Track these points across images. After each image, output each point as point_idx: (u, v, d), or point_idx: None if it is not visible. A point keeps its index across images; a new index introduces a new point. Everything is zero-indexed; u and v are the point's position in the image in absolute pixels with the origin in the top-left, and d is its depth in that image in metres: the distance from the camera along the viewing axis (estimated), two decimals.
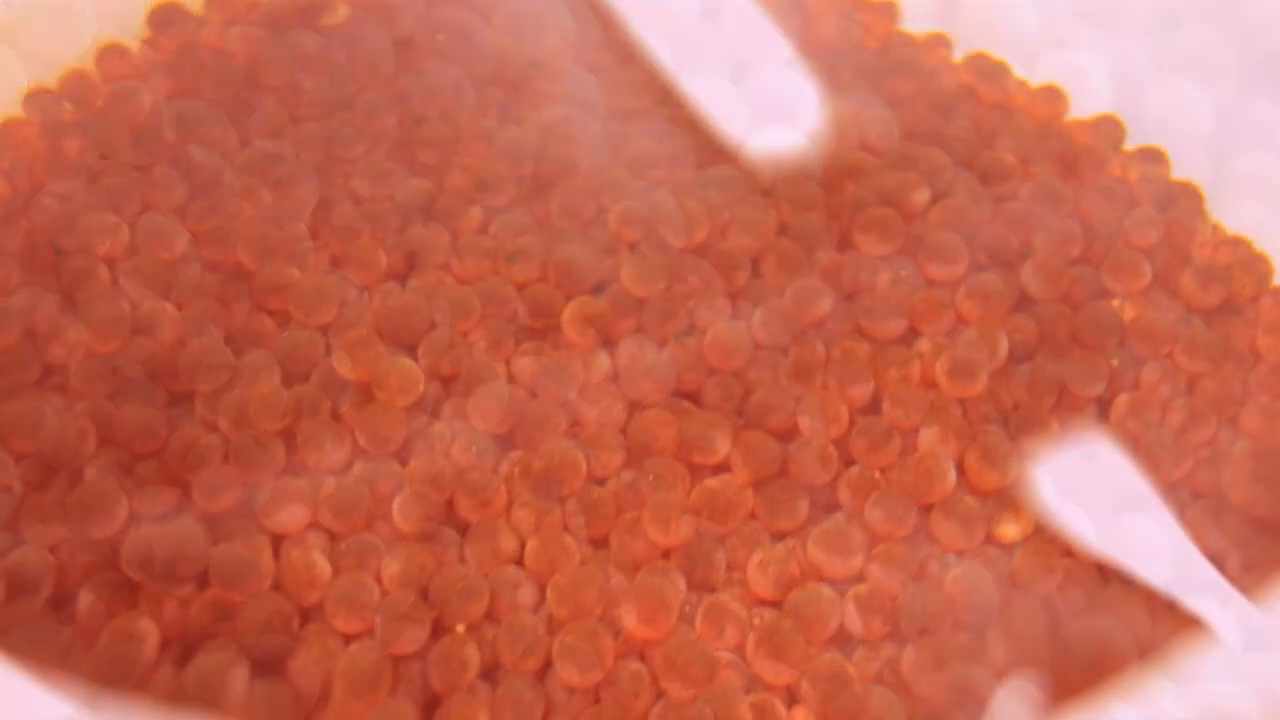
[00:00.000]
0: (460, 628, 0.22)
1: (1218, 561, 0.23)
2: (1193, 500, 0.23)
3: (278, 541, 0.22)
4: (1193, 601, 0.22)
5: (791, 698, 0.22)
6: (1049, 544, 0.23)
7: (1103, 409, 0.24)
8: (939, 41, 0.29)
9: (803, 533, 0.23)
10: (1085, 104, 0.28)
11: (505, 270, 0.25)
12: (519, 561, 0.22)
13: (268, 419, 0.23)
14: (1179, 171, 0.27)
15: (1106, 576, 0.22)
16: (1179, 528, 0.23)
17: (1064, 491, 0.23)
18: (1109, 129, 0.27)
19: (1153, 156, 0.27)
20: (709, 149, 0.27)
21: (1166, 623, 0.22)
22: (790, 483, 0.23)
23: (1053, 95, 0.28)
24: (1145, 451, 0.23)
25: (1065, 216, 0.26)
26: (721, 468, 0.23)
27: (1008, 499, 0.23)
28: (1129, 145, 0.27)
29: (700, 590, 0.22)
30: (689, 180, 0.26)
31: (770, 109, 0.27)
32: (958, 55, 0.29)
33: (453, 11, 0.28)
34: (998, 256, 0.25)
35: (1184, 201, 0.27)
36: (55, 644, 0.21)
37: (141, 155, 0.26)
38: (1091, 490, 0.23)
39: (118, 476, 0.23)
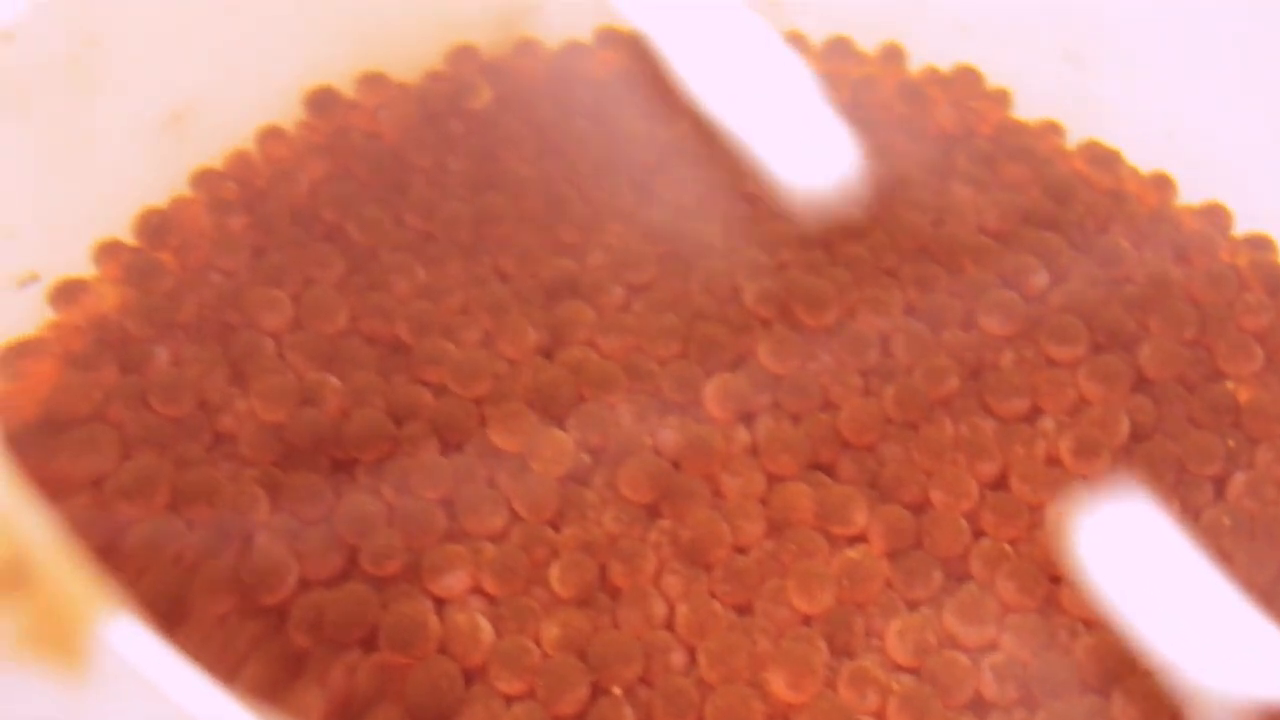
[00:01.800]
0: (617, 690, 0.23)
1: None
2: None
3: (440, 605, 0.24)
4: None
5: None
6: None
7: (1219, 488, 0.25)
8: (1051, 129, 0.30)
9: (937, 602, 0.24)
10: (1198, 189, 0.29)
11: (648, 346, 0.26)
12: (669, 626, 0.24)
13: (429, 487, 0.24)
14: None
15: None
16: None
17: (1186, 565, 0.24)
18: (1218, 215, 0.29)
19: (1261, 243, 0.28)
20: (836, 230, 0.28)
21: None
22: (924, 554, 0.24)
23: (1162, 182, 0.29)
24: (1264, 529, 0.25)
25: (1178, 300, 0.27)
26: (858, 538, 0.25)
27: None
28: (1237, 231, 0.29)
29: (841, 656, 0.24)
30: (819, 260, 0.27)
31: (891, 192, 0.29)
32: (1070, 142, 0.30)
33: (590, 98, 0.29)
34: (1115, 338, 0.27)
35: None
36: None
37: (301, 233, 0.28)
38: (1212, 564, 0.24)
39: (287, 542, 0.24)
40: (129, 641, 0.16)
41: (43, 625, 0.15)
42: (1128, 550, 0.24)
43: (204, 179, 0.28)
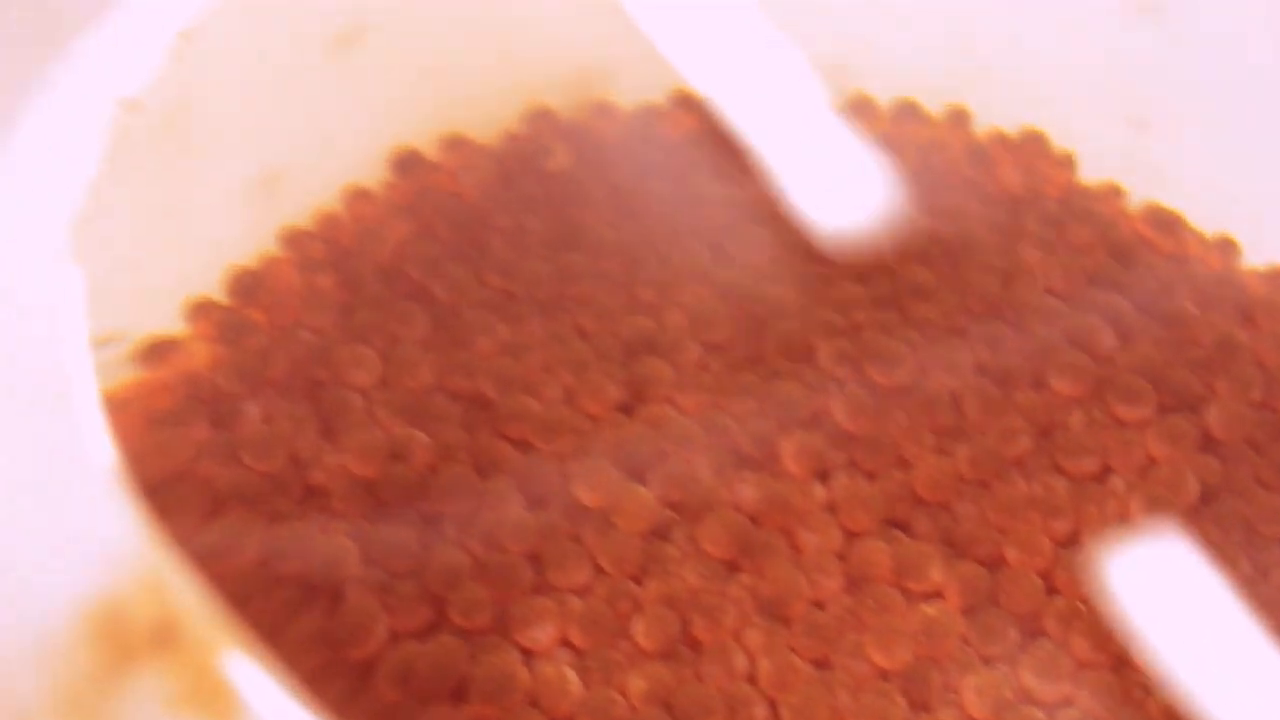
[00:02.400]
0: None
1: None
2: None
3: (529, 657, 0.24)
4: None
5: None
6: None
7: None
8: (1114, 192, 0.31)
9: (1013, 658, 0.25)
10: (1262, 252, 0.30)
11: (726, 403, 0.27)
12: (751, 680, 0.24)
13: (515, 541, 0.25)
14: None
15: None
16: None
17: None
18: None
19: None
20: (907, 290, 0.29)
21: None
22: (999, 610, 0.25)
23: (1226, 246, 0.30)
24: None
25: (1245, 362, 0.28)
26: (934, 594, 0.25)
27: None
28: None
29: (919, 710, 0.24)
30: (892, 320, 0.28)
31: (960, 253, 0.29)
32: (1132, 205, 0.31)
33: (665, 160, 0.30)
34: (1182, 399, 0.27)
35: None
36: None
37: (387, 291, 0.28)
38: None
39: (377, 596, 0.25)
40: (267, 699, 0.16)
41: (194, 686, 0.16)
42: (1196, 609, 0.25)
43: (293, 238, 0.29)
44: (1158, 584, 0.25)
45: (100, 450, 0.18)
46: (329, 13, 0.27)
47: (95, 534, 0.17)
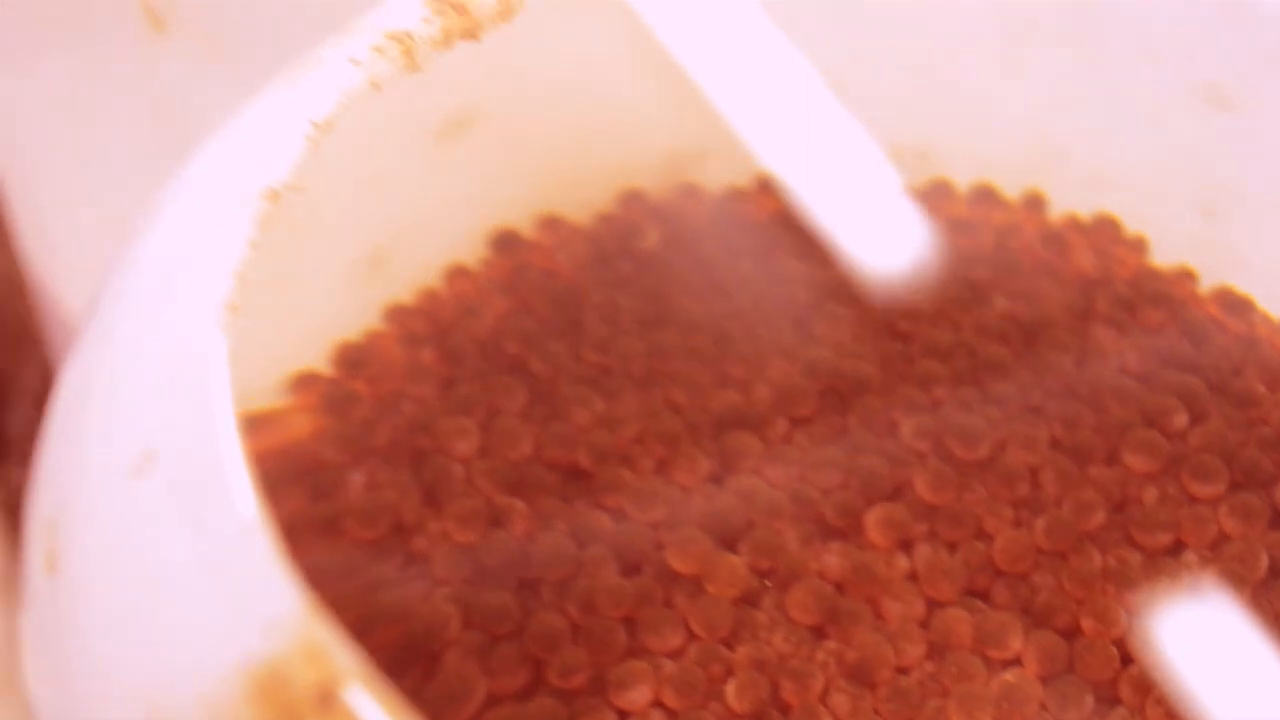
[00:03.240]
0: None
1: None
2: None
3: (624, 718, 0.25)
4: None
5: None
6: None
7: None
8: (1185, 275, 0.32)
9: None
10: None
11: (812, 476, 0.28)
12: None
13: (611, 606, 0.26)
14: None
15: None
16: None
17: None
18: None
19: None
20: (985, 368, 0.30)
21: None
22: (1076, 678, 0.26)
23: None
24: None
25: None
26: (1013, 662, 0.26)
27: None
28: None
29: None
30: (971, 397, 0.29)
31: (1036, 331, 0.30)
32: (1203, 288, 0.32)
33: (751, 240, 0.31)
34: (1253, 477, 0.28)
35: None
36: None
37: (486, 365, 0.30)
38: None
39: (477, 659, 0.26)
40: None
41: None
42: (1264, 681, 0.26)
43: (396, 314, 0.30)
44: (1227, 655, 0.26)
45: (257, 516, 0.19)
46: (442, 102, 0.29)
47: (257, 598, 0.18)
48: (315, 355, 0.30)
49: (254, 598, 0.18)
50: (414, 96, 0.26)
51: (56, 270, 0.40)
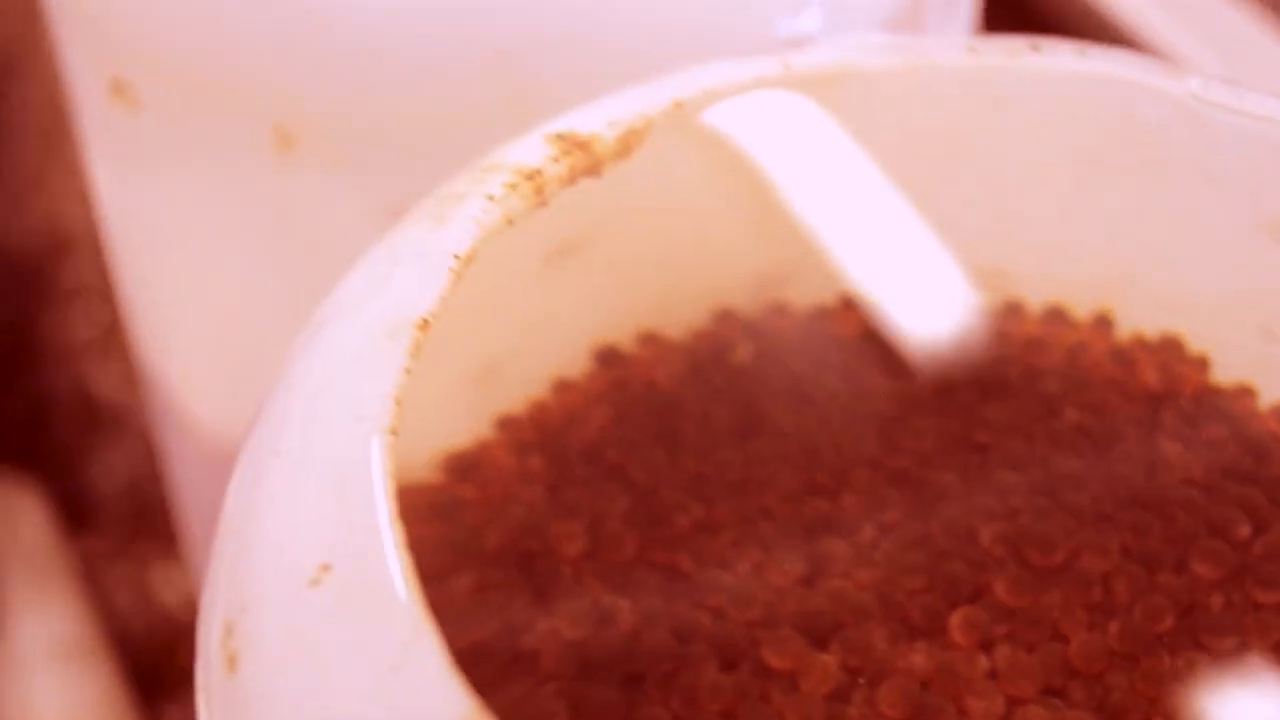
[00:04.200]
0: None
1: None
2: None
3: None
4: None
5: None
6: None
7: None
8: (1245, 392, 0.34)
9: None
10: None
11: (898, 579, 0.30)
12: None
13: (711, 700, 0.28)
14: None
15: None
16: None
17: None
18: None
19: None
20: (1059, 479, 0.32)
21: None
22: None
23: None
24: None
25: None
26: None
27: None
28: None
29: None
30: (1046, 506, 0.31)
31: (1105, 445, 0.32)
32: (1262, 405, 0.34)
33: (837, 355, 0.34)
34: None
35: None
36: None
37: (590, 471, 0.32)
38: None
39: None
40: None
41: None
42: None
43: (506, 424, 0.33)
44: None
45: (425, 628, 0.21)
46: (558, 231, 0.31)
47: (424, 707, 0.20)
48: (419, 465, 0.32)
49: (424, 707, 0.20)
50: (533, 226, 0.28)
51: (172, 372, 0.42)
